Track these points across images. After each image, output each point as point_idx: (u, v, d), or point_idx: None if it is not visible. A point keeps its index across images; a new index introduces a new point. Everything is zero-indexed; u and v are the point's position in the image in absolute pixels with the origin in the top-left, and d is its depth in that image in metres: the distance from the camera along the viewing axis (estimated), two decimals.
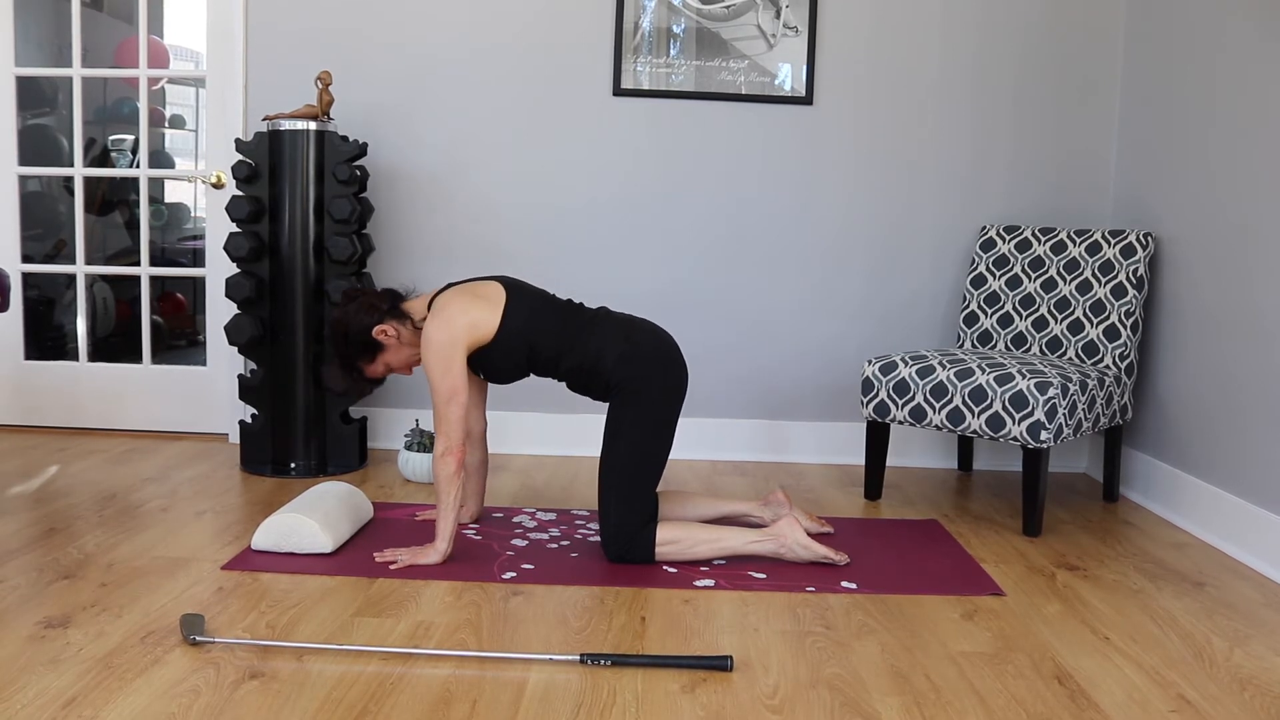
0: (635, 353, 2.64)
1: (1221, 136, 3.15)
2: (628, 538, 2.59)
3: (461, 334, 2.57)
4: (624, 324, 2.71)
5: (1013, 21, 3.82)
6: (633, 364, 2.62)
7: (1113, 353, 3.41)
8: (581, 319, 2.70)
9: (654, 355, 2.66)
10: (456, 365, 2.56)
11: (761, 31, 3.80)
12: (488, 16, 3.82)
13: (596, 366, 2.64)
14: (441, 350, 2.56)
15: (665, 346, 2.69)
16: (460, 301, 2.61)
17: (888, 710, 1.93)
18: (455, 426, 2.57)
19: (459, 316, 2.58)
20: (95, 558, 2.60)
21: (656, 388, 2.63)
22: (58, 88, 5.09)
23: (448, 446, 2.57)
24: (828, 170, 3.87)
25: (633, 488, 2.60)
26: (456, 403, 2.56)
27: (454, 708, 1.87)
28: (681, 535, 2.62)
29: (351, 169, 3.47)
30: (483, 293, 2.64)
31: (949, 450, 3.95)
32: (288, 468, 3.52)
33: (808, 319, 3.92)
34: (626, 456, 2.61)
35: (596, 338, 2.65)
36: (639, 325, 2.72)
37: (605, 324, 2.69)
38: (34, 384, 4.05)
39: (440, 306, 2.62)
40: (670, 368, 2.67)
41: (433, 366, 2.56)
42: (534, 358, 2.67)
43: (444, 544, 2.61)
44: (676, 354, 2.71)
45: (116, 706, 1.83)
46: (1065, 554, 2.91)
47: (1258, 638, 2.35)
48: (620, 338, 2.65)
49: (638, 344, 2.65)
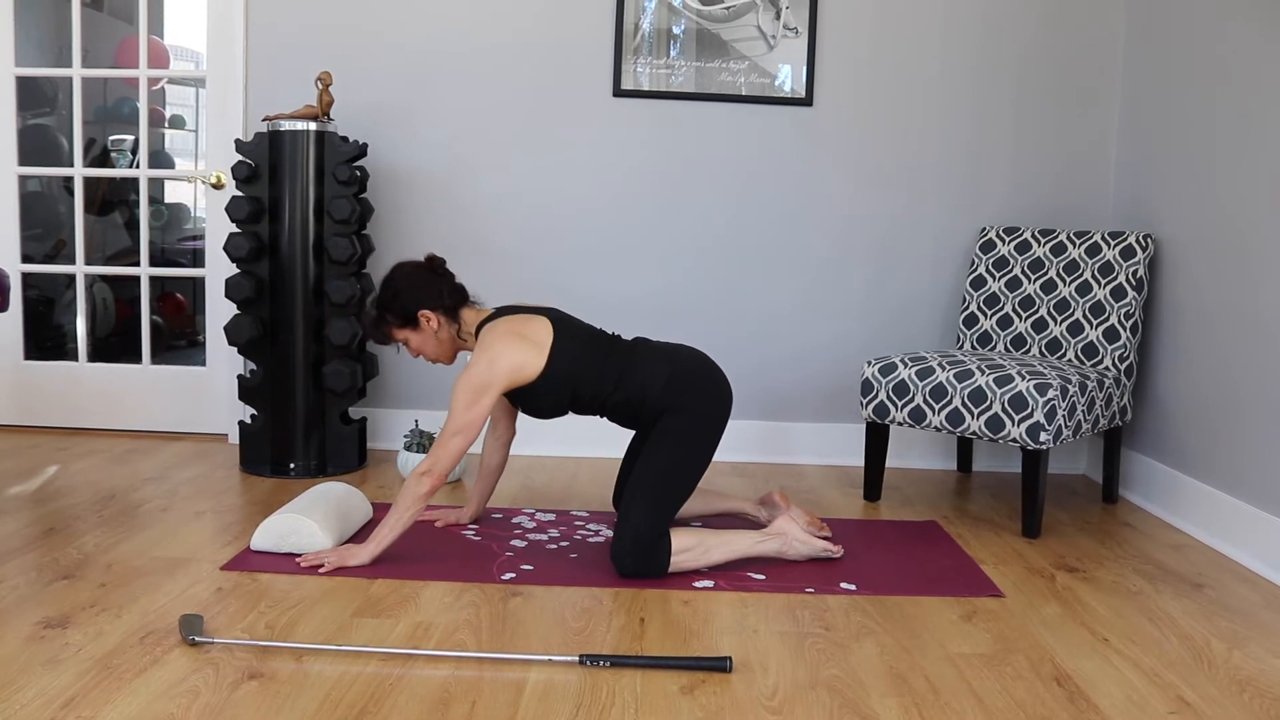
0: (680, 378, 2.65)
1: (1221, 138, 3.15)
2: (646, 547, 2.56)
3: (501, 379, 2.56)
4: (667, 352, 2.72)
5: (1013, 23, 3.82)
6: (678, 388, 2.64)
7: (1112, 354, 3.41)
8: (623, 355, 2.69)
9: (699, 379, 2.67)
10: (482, 406, 2.55)
11: (761, 33, 3.80)
12: (488, 17, 3.82)
13: (643, 398, 2.65)
14: (475, 389, 2.55)
15: (710, 370, 2.71)
16: (508, 344, 2.59)
17: (886, 711, 1.93)
18: (449, 457, 2.55)
19: (503, 359, 2.56)
20: (94, 558, 2.60)
21: (701, 410, 2.64)
22: (58, 88, 5.09)
23: (430, 469, 2.54)
24: (827, 171, 3.87)
25: (660, 502, 2.59)
26: (464, 438, 2.54)
27: (453, 708, 1.87)
28: (694, 542, 2.61)
29: (351, 169, 3.47)
30: (530, 332, 2.62)
31: (948, 451, 3.95)
32: (287, 468, 3.52)
33: (807, 319, 3.92)
34: (662, 471, 2.61)
35: (640, 371, 2.65)
36: (682, 352, 2.73)
37: (647, 356, 2.69)
38: (34, 384, 4.05)
39: (487, 343, 2.60)
40: (715, 392, 2.68)
41: (460, 397, 2.55)
42: (576, 397, 2.67)
43: (376, 548, 2.57)
44: (721, 378, 2.72)
45: (115, 707, 1.83)
46: (1064, 555, 2.91)
47: (1256, 639, 2.35)
48: (664, 366, 2.66)
49: (682, 370, 2.67)
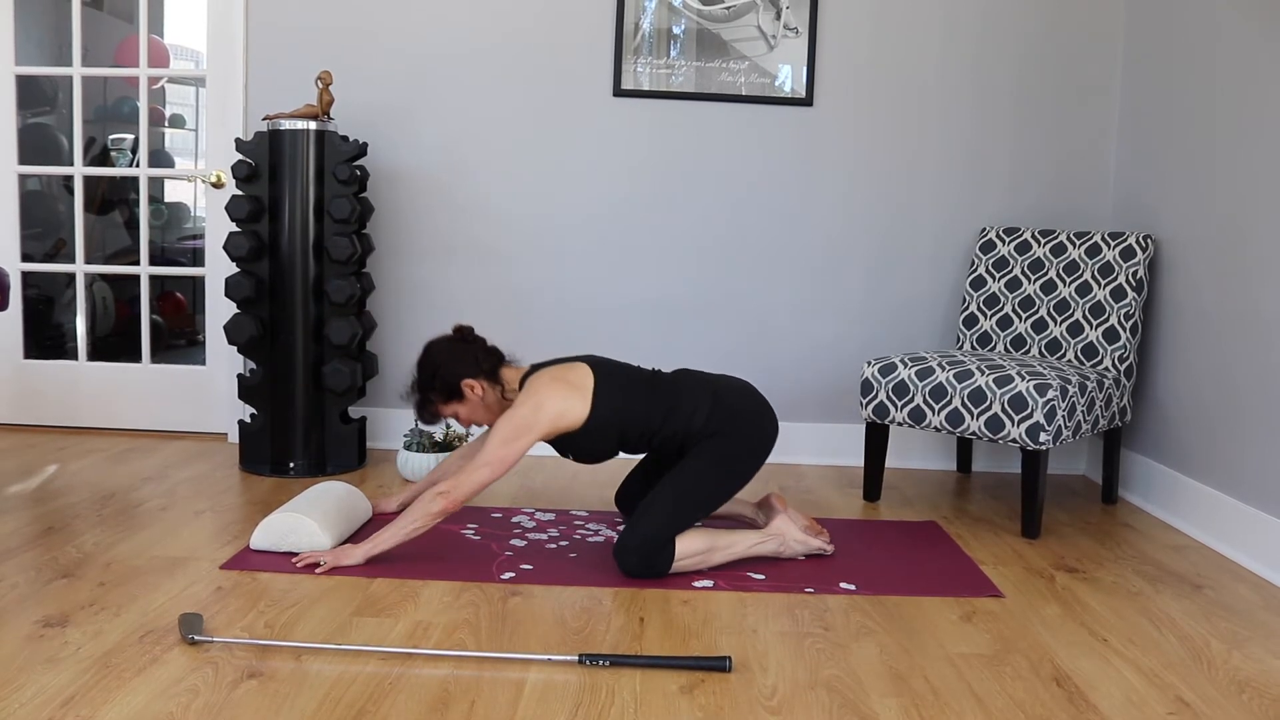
0: (724, 406, 2.67)
1: (1221, 138, 3.15)
2: (654, 550, 2.56)
3: (544, 423, 2.58)
4: (710, 382, 2.74)
5: (1013, 23, 3.82)
6: (723, 415, 2.66)
7: (1112, 355, 3.41)
8: (666, 389, 2.71)
9: (744, 409, 2.69)
10: (519, 446, 2.56)
11: (762, 33, 3.80)
12: (488, 16, 3.82)
13: (689, 429, 2.66)
14: (516, 428, 2.56)
15: (755, 401, 2.73)
16: (553, 389, 2.61)
17: (886, 711, 1.93)
18: (471, 486, 2.55)
19: (549, 404, 2.58)
20: (94, 557, 2.60)
21: (743, 437, 2.66)
22: (58, 87, 5.09)
23: (449, 492, 2.54)
24: (828, 171, 3.87)
25: (679, 512, 2.60)
26: (492, 471, 2.54)
27: (452, 708, 1.87)
28: (699, 547, 2.62)
29: (351, 169, 3.47)
30: (573, 379, 2.64)
31: (948, 452, 3.95)
32: (287, 467, 3.52)
33: (807, 320, 3.92)
34: (691, 484, 2.62)
35: (685, 403, 2.67)
36: (726, 382, 2.76)
37: (691, 387, 2.72)
38: (33, 383, 4.05)
39: (533, 389, 2.62)
40: (760, 423, 2.70)
41: (499, 433, 2.56)
42: (624, 440, 2.69)
43: (372, 549, 2.57)
44: (766, 409, 2.74)
45: (115, 705, 1.83)
46: (1064, 556, 2.91)
47: (1256, 640, 2.35)
48: (707, 396, 2.68)
49: (726, 399, 2.69)
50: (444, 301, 3.90)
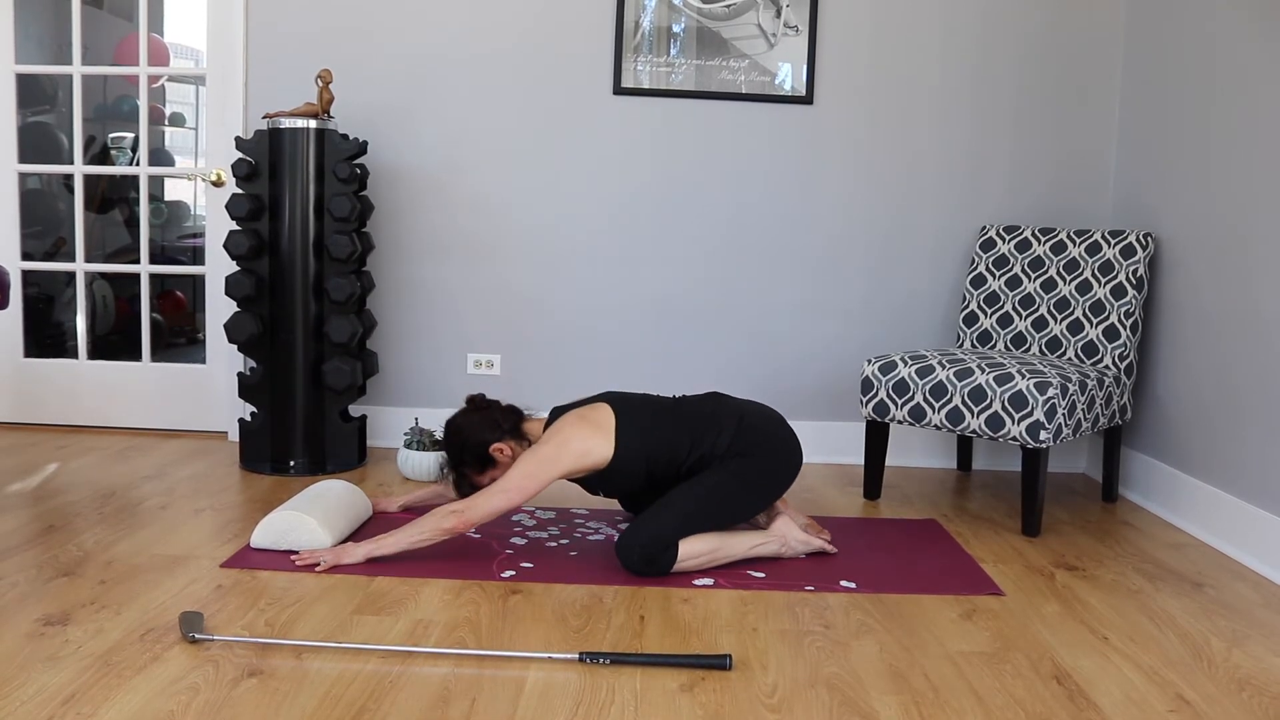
0: (748, 431, 2.69)
1: (1221, 137, 3.15)
2: (660, 550, 2.56)
3: (568, 460, 2.59)
4: (738, 408, 2.75)
5: (1013, 22, 3.82)
6: (747, 437, 2.68)
7: (1112, 353, 3.41)
8: (689, 416, 2.72)
9: (768, 435, 2.71)
10: (539, 479, 2.57)
11: (762, 31, 3.80)
12: (488, 16, 3.82)
13: (713, 452, 2.67)
14: (539, 462, 2.57)
15: (780, 429, 2.75)
16: (577, 428, 2.63)
17: (886, 710, 1.93)
18: (485, 510, 2.55)
19: (573, 443, 2.60)
20: (94, 555, 2.60)
21: (765, 457, 2.68)
22: (58, 85, 5.08)
23: (462, 512, 2.54)
24: (828, 170, 3.87)
25: (692, 518, 2.60)
26: (508, 499, 2.55)
27: (452, 706, 1.87)
28: (703, 549, 2.62)
29: (351, 167, 3.47)
30: (596, 419, 2.65)
31: (948, 450, 3.95)
32: (287, 465, 3.52)
33: (807, 318, 3.92)
34: (707, 494, 2.62)
35: (711, 429, 2.68)
36: (753, 408, 2.77)
37: (716, 411, 2.73)
38: (33, 381, 4.05)
39: (558, 428, 2.64)
40: (784, 450, 2.72)
41: (523, 465, 2.58)
42: (653, 471, 2.69)
43: (373, 549, 2.58)
44: (791, 437, 2.76)
45: (115, 704, 1.83)
46: (1064, 554, 2.91)
47: (1256, 638, 2.35)
48: (733, 420, 2.70)
49: (750, 424, 2.70)
50: (444, 299, 3.90)
